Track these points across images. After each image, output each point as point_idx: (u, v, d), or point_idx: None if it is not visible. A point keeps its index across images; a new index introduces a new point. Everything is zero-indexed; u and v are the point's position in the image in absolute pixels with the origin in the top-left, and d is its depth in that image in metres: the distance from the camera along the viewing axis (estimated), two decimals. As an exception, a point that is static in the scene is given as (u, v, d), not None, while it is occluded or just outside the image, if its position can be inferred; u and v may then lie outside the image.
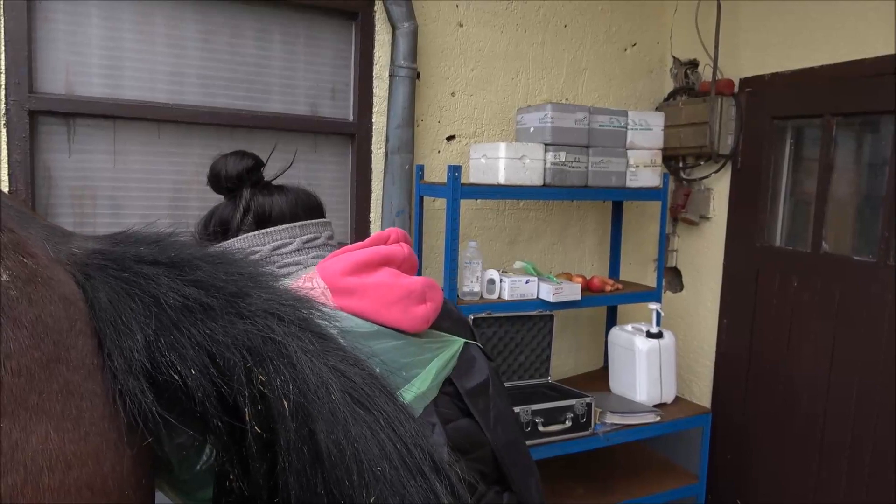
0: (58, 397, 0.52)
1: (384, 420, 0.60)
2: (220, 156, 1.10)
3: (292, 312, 0.63)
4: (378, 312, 0.93)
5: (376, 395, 0.62)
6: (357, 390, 0.61)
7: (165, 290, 0.60)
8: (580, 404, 2.25)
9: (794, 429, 2.57)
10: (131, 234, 0.68)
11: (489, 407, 1.03)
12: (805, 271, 2.53)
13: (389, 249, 0.99)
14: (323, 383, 0.59)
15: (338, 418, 0.58)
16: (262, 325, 0.61)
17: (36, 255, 0.56)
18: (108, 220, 2.12)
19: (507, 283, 2.34)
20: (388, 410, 0.62)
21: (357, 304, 0.92)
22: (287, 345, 0.60)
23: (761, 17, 2.66)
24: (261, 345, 0.60)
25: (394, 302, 0.94)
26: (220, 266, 0.65)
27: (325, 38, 2.39)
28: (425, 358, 0.96)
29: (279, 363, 0.59)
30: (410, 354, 0.94)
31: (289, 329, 0.61)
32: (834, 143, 2.44)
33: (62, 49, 2.01)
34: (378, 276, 0.95)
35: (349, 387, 0.61)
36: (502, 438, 1.03)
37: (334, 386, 0.60)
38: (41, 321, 0.53)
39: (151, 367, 0.57)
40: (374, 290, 0.93)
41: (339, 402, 0.59)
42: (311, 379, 0.59)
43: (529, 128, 2.44)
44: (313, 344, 0.62)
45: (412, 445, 0.61)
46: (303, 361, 0.60)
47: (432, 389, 0.96)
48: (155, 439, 0.61)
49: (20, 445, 0.49)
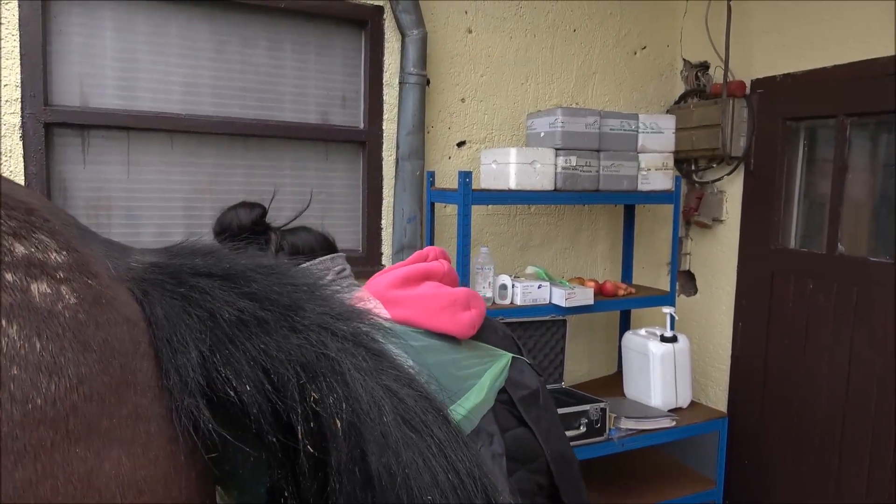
0: (127, 422, 0.52)
1: (436, 446, 0.59)
2: (227, 209, 1.19)
3: (346, 327, 0.62)
4: (428, 319, 0.98)
5: (429, 419, 0.60)
6: (410, 412, 0.60)
7: (220, 304, 0.59)
8: (594, 409, 2.24)
9: (812, 433, 2.54)
10: (187, 246, 0.67)
11: (540, 417, 1.06)
12: (821, 273, 2.50)
13: (430, 265, 1.06)
14: (376, 404, 0.58)
15: (389, 442, 0.57)
16: (316, 340, 0.59)
17: (99, 275, 0.55)
18: (123, 230, 2.14)
19: (520, 288, 2.33)
20: (440, 436, 0.60)
21: (406, 312, 0.97)
22: (341, 361, 0.59)
23: (772, 18, 2.65)
24: (314, 361, 0.58)
25: (441, 309, 1.00)
26: (274, 277, 0.64)
27: (335, 47, 2.41)
28: (478, 370, 1.01)
29: (332, 380, 0.58)
30: (464, 367, 0.99)
31: (342, 345, 0.60)
32: (848, 143, 2.41)
33: (76, 62, 2.04)
34: (422, 289, 1.02)
35: (402, 409, 0.59)
36: (555, 450, 1.05)
37: (387, 407, 0.58)
38: (108, 344, 0.52)
39: (207, 384, 0.57)
40: (419, 301, 0.99)
41: (391, 424, 0.57)
42: (364, 398, 0.58)
43: (540, 132, 2.44)
44: (367, 361, 0.60)
45: (464, 475, 0.59)
46: (356, 380, 0.58)
47: (488, 399, 1.00)
48: (214, 460, 0.60)
49: (94, 471, 0.49)
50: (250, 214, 1.16)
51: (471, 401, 0.96)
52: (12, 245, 0.51)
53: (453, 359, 0.97)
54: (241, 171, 2.30)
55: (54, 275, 0.51)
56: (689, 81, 3.02)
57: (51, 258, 0.52)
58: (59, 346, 0.49)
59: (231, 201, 2.24)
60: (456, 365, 0.97)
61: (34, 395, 0.46)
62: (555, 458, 1.03)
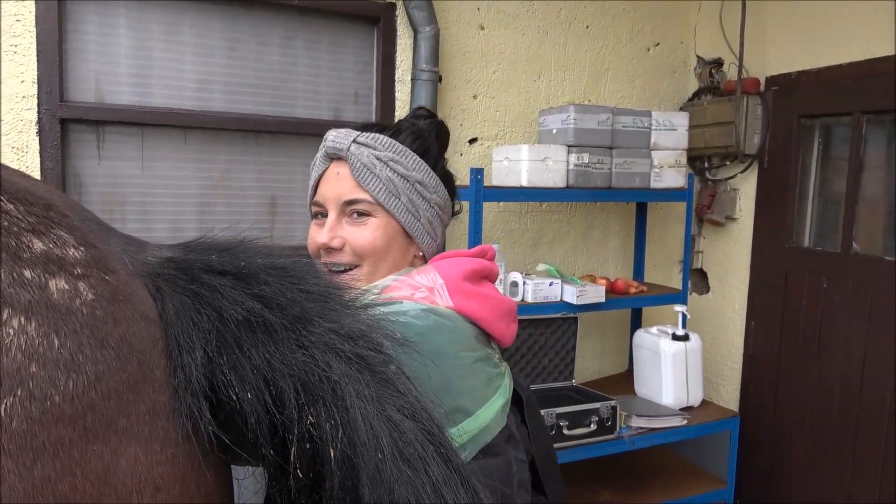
0: (145, 419, 0.52)
1: (431, 486, 0.57)
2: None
3: (354, 348, 0.60)
4: (490, 322, 0.95)
5: (428, 457, 0.59)
6: (409, 447, 0.58)
7: (229, 303, 0.58)
8: (605, 407, 2.23)
9: (825, 433, 2.52)
10: (205, 241, 0.67)
11: (531, 416, 1.07)
12: (835, 272, 2.48)
13: (492, 265, 1.03)
14: (374, 435, 0.57)
15: (383, 477, 0.56)
16: (321, 360, 0.58)
17: (117, 271, 0.55)
18: (136, 225, 2.15)
19: (531, 285, 2.33)
20: (437, 475, 0.58)
21: (472, 306, 0.93)
22: (343, 387, 0.57)
23: (787, 13, 2.62)
24: (316, 383, 0.57)
25: (501, 316, 0.98)
26: (288, 281, 0.62)
27: (347, 44, 2.41)
28: (503, 371, 0.99)
29: (332, 406, 0.57)
30: (496, 365, 0.97)
31: (347, 369, 0.59)
32: (864, 141, 2.39)
33: (92, 59, 2.05)
34: (487, 289, 0.98)
35: (401, 442, 0.58)
36: (542, 447, 1.05)
37: (385, 440, 0.57)
38: (126, 341, 0.52)
39: (209, 385, 0.56)
40: (487, 300, 0.96)
41: (387, 458, 0.56)
42: (362, 428, 0.56)
43: (552, 129, 2.43)
44: (370, 388, 0.59)
45: None
46: (356, 407, 0.57)
47: (508, 400, 0.99)
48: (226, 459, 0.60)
49: (112, 469, 0.49)
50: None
51: (501, 399, 0.95)
52: (31, 241, 0.51)
53: (488, 353, 0.96)
54: (253, 167, 2.31)
55: (72, 271, 0.52)
56: (703, 78, 2.99)
57: (69, 254, 0.52)
58: (77, 344, 0.49)
59: (243, 197, 2.28)
60: (491, 362, 0.96)
61: (52, 392, 0.47)
62: (541, 455, 1.03)
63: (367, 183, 0.99)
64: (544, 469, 1.04)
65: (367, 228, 1.00)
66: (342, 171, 1.01)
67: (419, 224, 1.03)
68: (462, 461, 0.63)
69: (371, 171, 0.99)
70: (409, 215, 1.01)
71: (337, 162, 1.03)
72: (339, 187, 1.01)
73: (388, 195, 0.99)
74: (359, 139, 1.01)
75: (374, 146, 1.00)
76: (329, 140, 1.03)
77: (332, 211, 1.01)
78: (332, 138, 1.03)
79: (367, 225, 1.00)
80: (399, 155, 1.01)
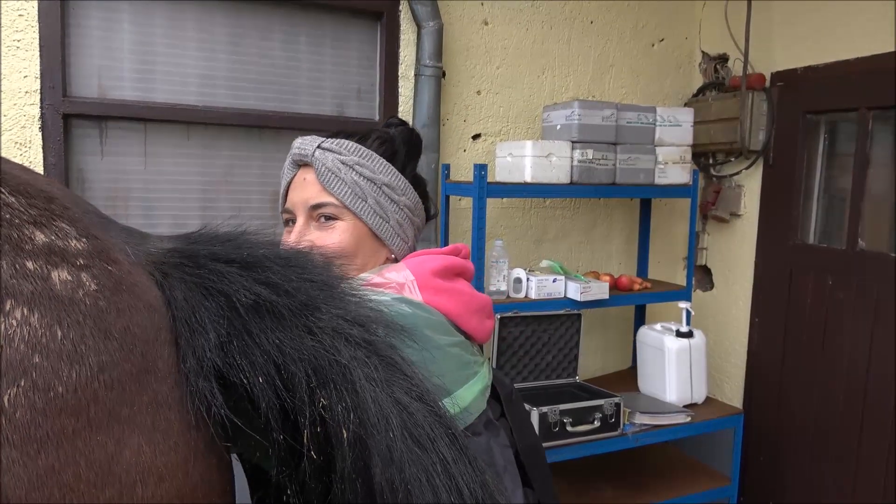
0: (148, 409, 0.52)
1: (441, 464, 0.58)
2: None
3: (361, 333, 0.62)
4: (461, 317, 0.97)
5: (437, 436, 0.60)
6: (418, 427, 0.59)
7: (238, 288, 0.59)
8: (609, 404, 2.23)
9: (830, 430, 2.51)
10: (206, 233, 0.68)
11: (515, 411, 1.08)
12: (840, 269, 2.47)
13: (467, 263, 1.04)
14: (384, 416, 0.58)
15: (394, 456, 0.57)
16: (330, 345, 0.59)
17: (119, 262, 0.56)
18: (139, 221, 2.15)
19: (535, 282, 2.32)
20: (446, 454, 0.59)
21: (442, 302, 0.95)
22: (352, 370, 0.58)
23: (793, 9, 2.60)
24: (326, 367, 0.58)
25: (474, 311, 0.99)
26: (292, 269, 0.63)
27: (350, 39, 2.40)
28: (480, 359, 1.01)
29: (342, 389, 0.57)
30: (473, 353, 0.99)
31: (355, 353, 0.60)
32: (870, 136, 2.37)
33: (95, 54, 2.05)
34: (459, 285, 1.00)
35: (410, 423, 0.59)
36: (526, 442, 1.06)
37: (395, 421, 0.58)
38: (129, 331, 0.52)
39: (221, 368, 0.56)
40: (458, 295, 0.98)
41: (397, 438, 0.57)
42: (373, 410, 0.57)
43: (556, 125, 2.42)
44: (379, 371, 0.60)
45: (467, 496, 0.58)
46: (366, 390, 0.58)
47: (488, 386, 1.00)
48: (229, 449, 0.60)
49: (115, 459, 0.49)
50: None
51: (479, 384, 0.97)
52: (33, 233, 0.51)
53: (465, 341, 0.98)
54: (256, 162, 2.30)
55: (75, 262, 0.52)
56: (708, 74, 2.98)
57: (71, 245, 0.52)
58: (80, 334, 0.49)
59: (246, 192, 2.27)
60: (468, 350, 0.98)
61: (56, 383, 0.47)
62: (526, 450, 1.05)
63: (332, 187, 1.01)
64: (530, 463, 1.05)
65: (334, 232, 1.01)
66: (308, 176, 1.04)
67: (388, 226, 1.04)
68: (468, 442, 0.64)
69: (336, 174, 1.01)
70: (376, 217, 1.03)
71: (304, 168, 1.06)
72: (305, 192, 1.04)
73: (355, 198, 1.01)
74: (323, 145, 1.04)
75: (339, 151, 1.03)
76: (295, 147, 1.07)
77: (301, 216, 1.04)
78: (298, 145, 1.06)
79: (334, 228, 1.02)
80: (364, 158, 1.03)
